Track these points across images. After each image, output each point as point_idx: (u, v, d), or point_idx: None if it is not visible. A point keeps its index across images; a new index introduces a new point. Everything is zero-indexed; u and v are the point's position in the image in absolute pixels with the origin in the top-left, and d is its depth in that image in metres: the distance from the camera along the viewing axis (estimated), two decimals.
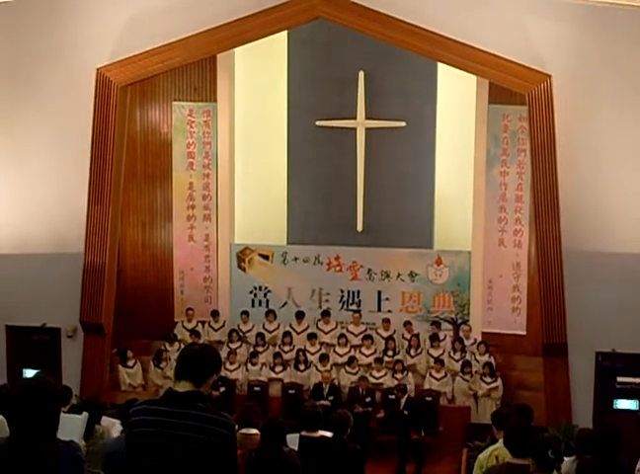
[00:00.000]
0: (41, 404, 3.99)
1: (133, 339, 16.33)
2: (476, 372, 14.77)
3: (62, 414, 4.22)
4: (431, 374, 14.99)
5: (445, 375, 14.95)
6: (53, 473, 3.99)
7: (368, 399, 14.27)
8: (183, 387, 4.35)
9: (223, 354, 15.37)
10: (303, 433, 7.87)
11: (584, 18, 12.79)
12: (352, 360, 15.15)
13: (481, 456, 6.98)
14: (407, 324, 16.03)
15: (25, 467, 3.95)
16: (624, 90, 12.85)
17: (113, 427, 8.85)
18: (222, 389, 14.32)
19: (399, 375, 14.81)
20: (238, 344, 15.76)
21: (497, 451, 6.83)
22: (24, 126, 14.05)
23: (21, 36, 13.90)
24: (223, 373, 14.82)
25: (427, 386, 14.91)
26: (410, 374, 15.01)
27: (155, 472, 4.28)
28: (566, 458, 7.51)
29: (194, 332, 16.01)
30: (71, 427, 6.19)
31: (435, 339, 15.59)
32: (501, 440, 6.83)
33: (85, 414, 7.11)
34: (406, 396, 13.71)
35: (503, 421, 7.08)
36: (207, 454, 4.22)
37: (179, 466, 4.24)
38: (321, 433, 7.96)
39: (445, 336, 15.94)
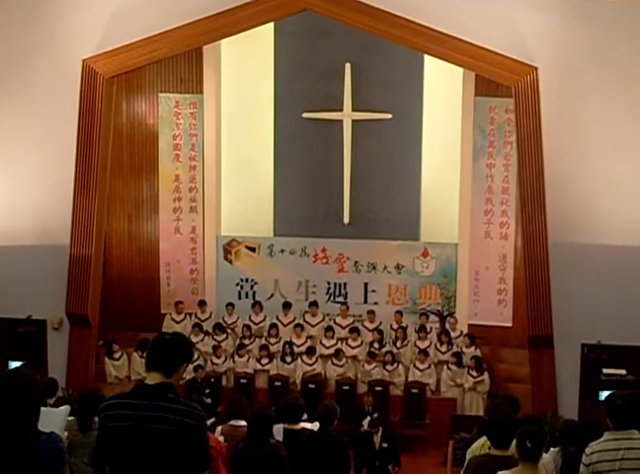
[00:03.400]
0: (20, 396, 3.99)
1: (119, 331, 16.31)
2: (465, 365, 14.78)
3: (45, 407, 4.22)
4: (415, 365, 15.00)
5: (429, 367, 14.97)
6: (35, 464, 4.00)
7: (376, 415, 12.54)
8: (153, 379, 4.38)
9: (209, 347, 15.39)
10: (285, 425, 7.85)
11: (570, 10, 12.79)
12: (338, 353, 15.14)
13: (474, 446, 6.97)
14: (397, 313, 16.03)
15: (6, 458, 3.95)
16: (611, 82, 12.86)
17: None
18: (207, 391, 14.16)
19: (389, 367, 14.79)
20: (224, 336, 15.72)
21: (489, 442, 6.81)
22: (9, 118, 13.96)
23: (6, 27, 13.81)
24: (210, 367, 14.90)
25: (411, 377, 14.92)
26: (400, 366, 14.99)
27: (129, 465, 4.31)
28: (551, 449, 7.55)
29: (198, 325, 15.84)
30: (53, 419, 6.23)
31: (422, 330, 15.63)
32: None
33: (67, 406, 7.09)
34: (381, 430, 11.83)
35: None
36: (179, 446, 4.25)
37: (152, 458, 4.27)
38: (302, 425, 7.95)
39: (431, 328, 15.93)
